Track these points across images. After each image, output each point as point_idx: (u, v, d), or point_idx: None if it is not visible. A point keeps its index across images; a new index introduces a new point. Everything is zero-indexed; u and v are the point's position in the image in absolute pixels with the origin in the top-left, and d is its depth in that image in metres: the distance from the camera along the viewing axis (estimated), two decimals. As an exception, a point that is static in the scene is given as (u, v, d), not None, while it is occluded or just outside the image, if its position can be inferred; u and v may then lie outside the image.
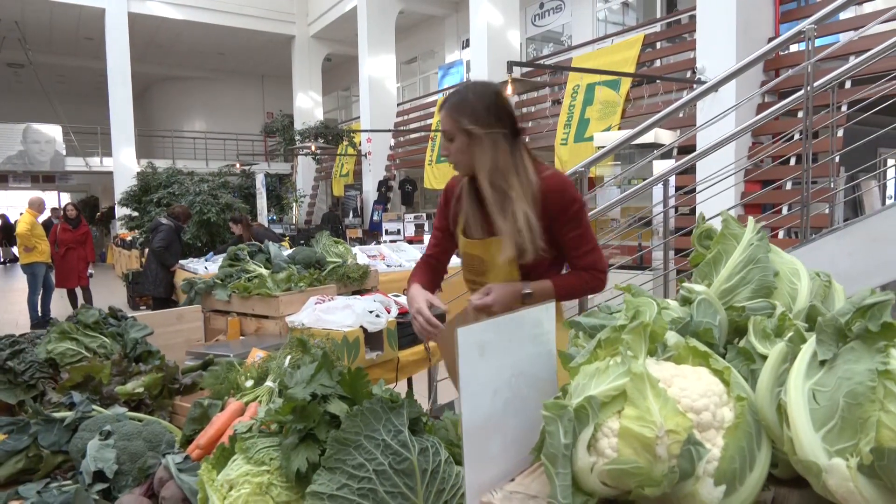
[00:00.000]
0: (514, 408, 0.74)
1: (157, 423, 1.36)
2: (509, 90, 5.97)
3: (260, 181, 10.13)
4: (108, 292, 10.73)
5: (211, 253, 7.09)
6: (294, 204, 13.85)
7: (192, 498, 1.11)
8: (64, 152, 15.83)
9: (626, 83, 8.78)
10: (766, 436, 0.62)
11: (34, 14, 15.35)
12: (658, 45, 9.17)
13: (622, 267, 5.13)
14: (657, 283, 4.55)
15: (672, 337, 0.70)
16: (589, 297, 3.15)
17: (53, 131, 15.62)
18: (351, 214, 15.04)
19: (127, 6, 15.31)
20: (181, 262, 6.88)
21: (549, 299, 1.79)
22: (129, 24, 15.40)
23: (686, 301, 0.80)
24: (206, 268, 6.47)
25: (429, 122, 13.79)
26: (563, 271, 1.87)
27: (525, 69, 10.77)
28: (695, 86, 7.46)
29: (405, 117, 15.21)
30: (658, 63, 9.33)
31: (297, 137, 16.29)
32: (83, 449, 1.31)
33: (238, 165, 14.32)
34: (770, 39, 7.15)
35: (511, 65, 5.91)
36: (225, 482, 1.01)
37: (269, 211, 11.07)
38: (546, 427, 0.62)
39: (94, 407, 1.44)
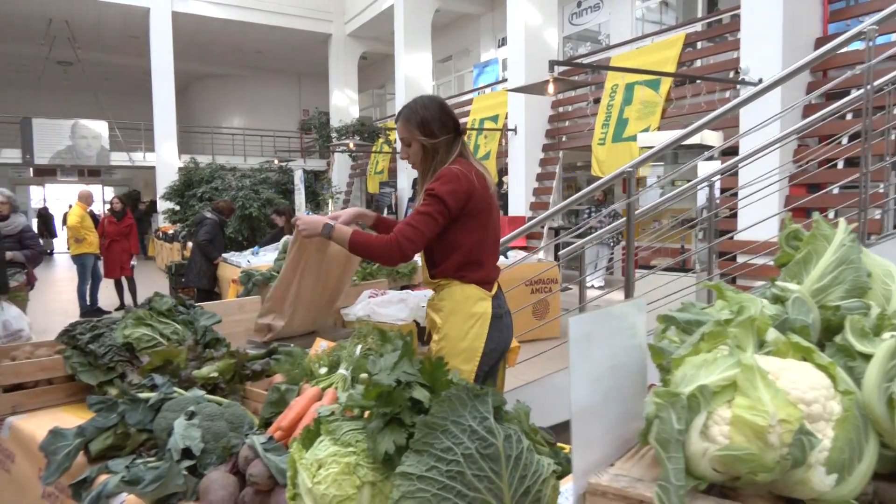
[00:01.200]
0: (612, 396, 0.77)
1: (237, 406, 1.42)
2: (550, 89, 5.97)
3: (298, 177, 10.31)
4: (151, 283, 11.01)
5: (257, 247, 7.28)
6: (330, 200, 14.05)
7: (278, 476, 1.16)
8: (108, 147, 16.29)
9: (666, 83, 8.69)
10: (873, 429, 0.63)
11: (83, 14, 15.82)
12: (699, 44, 9.05)
13: (667, 269, 5.08)
14: (700, 287, 4.51)
15: (771, 333, 0.72)
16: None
17: (100, 127, 16.10)
18: (385, 211, 15.17)
19: (170, 5, 15.68)
20: (224, 255, 7.05)
21: (343, 242, 1.97)
22: (172, 23, 15.78)
23: (778, 299, 0.82)
24: (248, 261, 6.62)
25: (463, 120, 13.82)
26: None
27: (561, 68, 10.71)
28: (738, 86, 7.35)
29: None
30: (698, 63, 9.21)
31: (334, 134, 16.49)
32: (167, 428, 1.38)
33: (276, 161, 14.57)
34: (818, 39, 7.00)
35: (553, 64, 5.90)
36: (314, 461, 1.06)
37: (305, 206, 11.25)
38: (658, 413, 0.65)
39: (174, 389, 1.52)
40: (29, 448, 1.63)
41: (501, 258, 6.65)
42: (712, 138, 6.82)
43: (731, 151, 6.47)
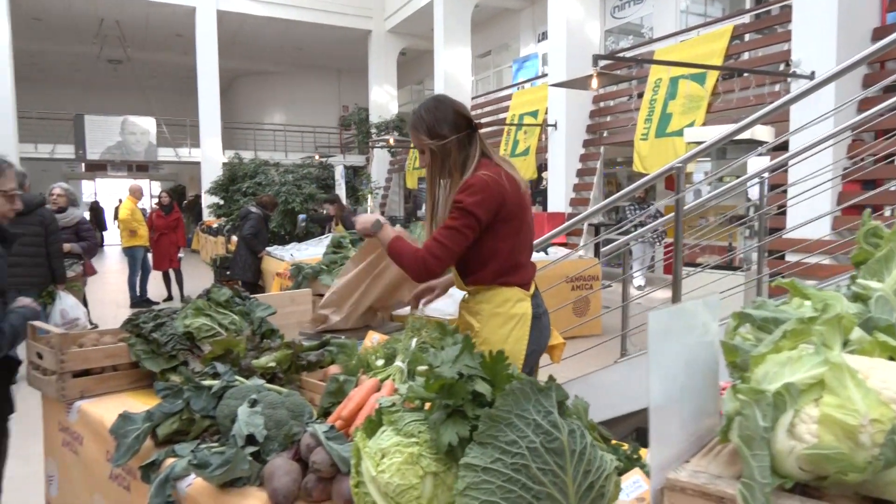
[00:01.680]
0: (686, 393, 0.76)
1: (296, 395, 1.46)
2: (594, 84, 5.89)
3: (339, 173, 10.44)
4: (197, 276, 11.30)
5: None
6: (369, 196, 14.19)
7: (340, 464, 1.19)
8: (156, 143, 16.77)
9: (712, 77, 8.49)
10: (969, 431, 0.62)
11: (132, 13, 16.30)
12: (747, 36, 8.81)
13: (716, 267, 4.98)
14: (749, 286, 4.41)
15: (856, 332, 0.71)
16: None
17: (148, 123, 16.59)
18: (423, 207, 15.23)
19: (216, 4, 16.02)
20: (268, 248, 7.19)
21: (384, 244, 1.96)
22: (217, 21, 16.13)
23: (858, 297, 0.80)
24: (291, 255, 6.74)
25: (502, 116, 13.77)
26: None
27: (605, 62, 10.56)
28: (789, 79, 7.13)
29: (479, 111, 15.24)
30: (746, 56, 8.96)
31: (373, 130, 16.62)
32: (230, 414, 1.42)
33: (317, 157, 14.78)
34: (876, 29, 6.74)
35: (596, 58, 5.83)
36: (378, 450, 1.08)
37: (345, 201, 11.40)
38: (741, 410, 0.65)
39: (236, 377, 1.56)
40: (96, 431, 1.70)
41: (542, 255, 6.61)
42: (763, 133, 6.63)
43: (779, 146, 6.29)
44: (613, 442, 1.36)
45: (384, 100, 18.40)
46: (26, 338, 2.02)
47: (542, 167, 12.24)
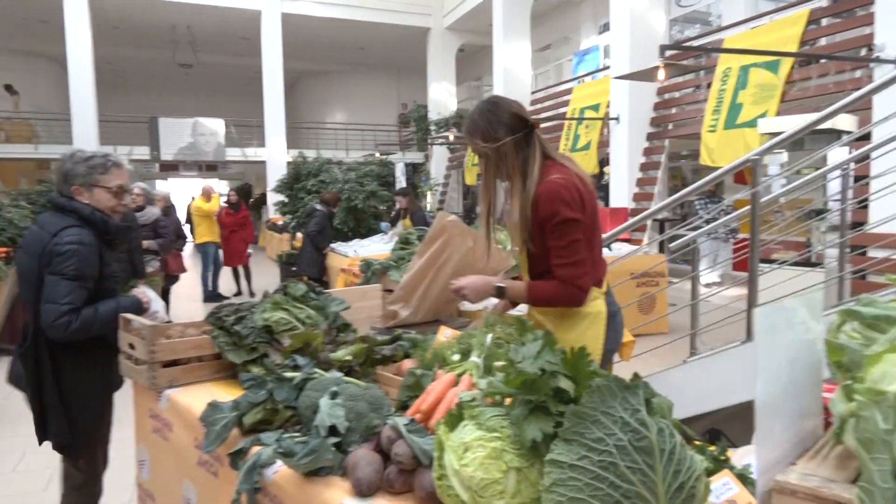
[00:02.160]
0: (791, 391, 0.74)
1: (375, 388, 1.49)
2: (661, 75, 5.73)
3: (400, 170, 10.57)
4: (263, 272, 11.69)
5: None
6: (428, 192, 14.30)
7: (421, 456, 1.20)
8: (224, 143, 17.42)
9: (786, 64, 8.10)
10: None
11: (202, 19, 16.97)
12: (824, 21, 8.35)
13: (795, 264, 4.76)
14: (830, 284, 4.19)
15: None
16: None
17: (216, 125, 17.25)
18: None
19: (280, 6, 16.47)
20: (332, 245, 7.36)
21: (521, 299, 1.95)
22: (282, 24, 16.59)
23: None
24: (355, 251, 6.87)
25: (562, 110, 13.58)
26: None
27: (672, 52, 10.24)
28: (871, 65, 6.73)
29: (538, 106, 15.08)
30: (823, 41, 8.51)
31: (432, 127, 16.72)
32: (311, 405, 1.47)
33: (377, 154, 15.02)
34: (971, 9, 6.26)
35: (663, 48, 5.66)
36: (460, 444, 1.09)
37: (407, 198, 11.53)
38: (858, 412, 0.62)
39: (315, 370, 1.61)
40: (185, 418, 1.79)
41: (605, 251, 6.48)
42: (846, 122, 6.28)
43: (861, 136, 5.95)
44: (697, 443, 1.32)
45: (443, 97, 18.47)
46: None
47: (603, 162, 12.00)
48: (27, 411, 2.31)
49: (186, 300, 9.21)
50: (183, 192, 22.74)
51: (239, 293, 9.57)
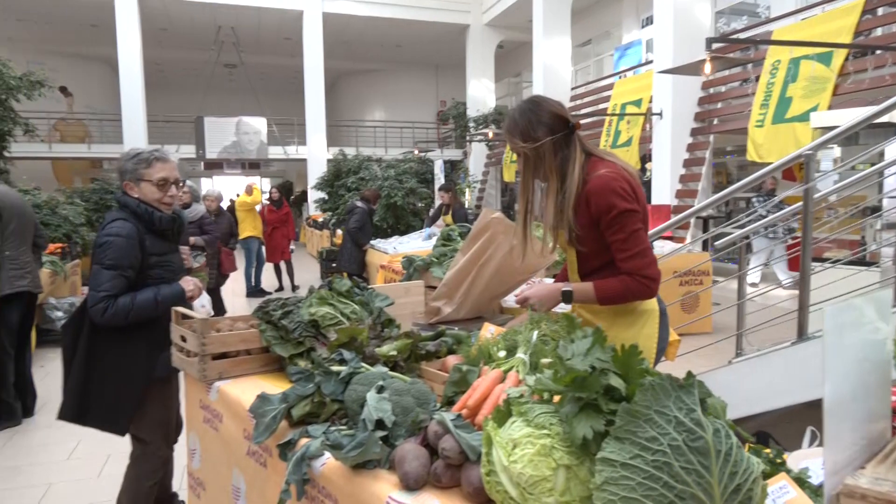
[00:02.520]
0: (859, 393, 0.71)
1: (420, 383, 1.49)
2: (707, 69, 5.60)
3: (439, 167, 10.59)
4: (304, 268, 11.88)
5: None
6: (467, 189, 14.30)
7: (468, 452, 1.20)
8: (266, 142, 17.76)
9: (839, 56, 7.81)
10: None
11: (246, 20, 17.33)
12: (880, 10, 8.01)
13: (849, 263, 4.59)
14: (886, 283, 4.02)
15: None
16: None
17: (259, 123, 17.59)
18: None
19: (321, 6, 16.68)
20: (371, 241, 7.43)
21: (590, 300, 1.89)
22: (323, 23, 16.80)
23: None
24: (394, 248, 6.91)
25: (603, 106, 13.39)
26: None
27: (718, 45, 9.98)
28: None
29: (578, 102, 14.91)
30: (879, 31, 8.17)
31: (471, 124, 16.70)
32: (358, 399, 1.48)
33: (416, 152, 15.09)
34: None
35: (710, 41, 5.53)
36: (509, 440, 1.09)
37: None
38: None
39: (362, 364, 1.62)
40: (234, 410, 1.83)
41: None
42: (904, 115, 6.02)
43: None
44: (751, 445, 1.29)
45: (481, 94, 18.43)
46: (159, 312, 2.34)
47: (645, 158, 11.79)
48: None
49: (230, 295, 9.42)
50: (227, 190, 23.24)
51: (281, 288, 9.75)
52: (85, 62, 20.18)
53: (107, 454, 3.75)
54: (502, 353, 1.50)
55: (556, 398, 1.18)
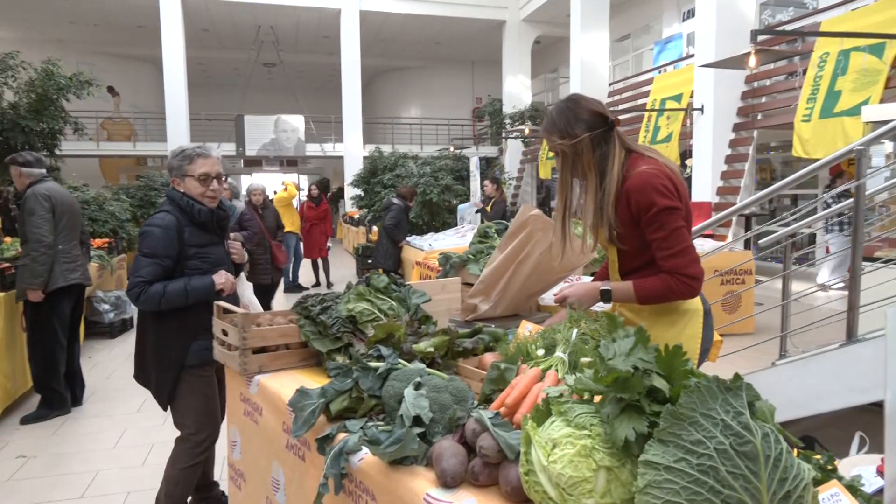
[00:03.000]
0: (923, 401, 0.68)
1: (458, 380, 1.49)
2: (752, 62, 5.44)
3: (474, 164, 10.58)
4: (340, 264, 12.00)
5: (449, 230, 7.76)
6: (502, 186, 14.24)
7: (506, 450, 1.19)
8: (304, 139, 18.00)
9: (892, 47, 7.49)
10: None
11: (285, 19, 17.58)
12: (938, -2, 7.65)
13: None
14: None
15: None
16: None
17: (297, 121, 17.84)
18: (556, 199, 14.98)
19: (359, 4, 16.80)
20: (407, 238, 7.45)
21: (630, 299, 1.84)
22: (360, 21, 16.93)
23: None
24: (430, 245, 6.92)
25: (641, 102, 13.15)
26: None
27: (764, 37, 9.69)
28: None
29: (616, 97, 14.68)
30: (936, 20, 7.80)
31: (507, 121, 16.61)
32: (395, 395, 1.49)
33: (452, 149, 15.08)
34: None
35: (755, 34, 5.36)
36: (548, 440, 1.08)
37: (480, 192, 11.52)
38: None
39: (399, 360, 1.63)
40: (273, 403, 1.86)
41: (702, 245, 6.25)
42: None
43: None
44: (799, 451, 1.25)
45: (518, 90, 18.31)
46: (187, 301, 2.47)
47: (685, 154, 11.54)
48: (126, 392, 2.50)
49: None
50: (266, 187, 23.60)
51: (318, 284, 9.87)
52: (131, 62, 20.78)
53: (151, 443, 3.86)
54: (541, 352, 1.48)
55: (597, 398, 1.16)
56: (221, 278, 2.56)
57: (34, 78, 9.69)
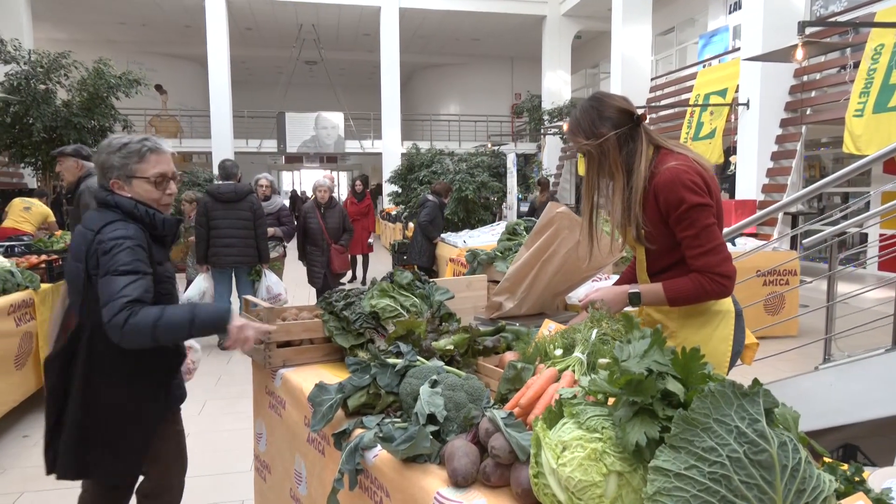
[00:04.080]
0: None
1: (475, 379, 1.48)
2: (799, 55, 5.24)
3: (511, 160, 10.51)
4: (377, 260, 12.09)
5: (484, 227, 7.78)
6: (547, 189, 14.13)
7: (518, 451, 1.17)
8: (344, 136, 18.21)
9: (954, 38, 7.12)
10: None
11: (326, 16, 17.79)
12: None
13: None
14: None
15: None
16: None
17: (337, 118, 18.06)
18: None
19: (398, 1, 16.87)
20: (442, 235, 7.46)
21: (660, 302, 1.78)
22: (399, 18, 17.00)
23: None
24: (464, 241, 6.91)
25: (685, 96, 12.83)
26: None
27: (813, 29, 9.33)
28: None
29: (658, 93, 14.37)
30: None
31: (546, 117, 16.45)
32: (412, 393, 1.48)
33: (489, 145, 15.02)
34: None
35: (803, 25, 5.17)
36: (558, 442, 1.05)
37: (517, 189, 11.46)
38: None
39: (417, 357, 1.62)
40: (296, 397, 1.88)
41: (729, 246, 6.07)
42: None
43: None
44: (827, 460, 1.19)
45: (557, 86, 18.10)
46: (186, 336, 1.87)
47: (729, 151, 11.22)
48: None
49: (306, 287, 9.72)
50: (306, 183, 24.02)
51: (354, 278, 9.94)
52: (178, 61, 21.36)
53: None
54: (559, 352, 1.46)
55: (612, 400, 1.13)
56: (239, 321, 1.87)
57: (86, 77, 10.07)
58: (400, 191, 12.10)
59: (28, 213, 6.87)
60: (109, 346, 1.77)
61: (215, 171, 9.91)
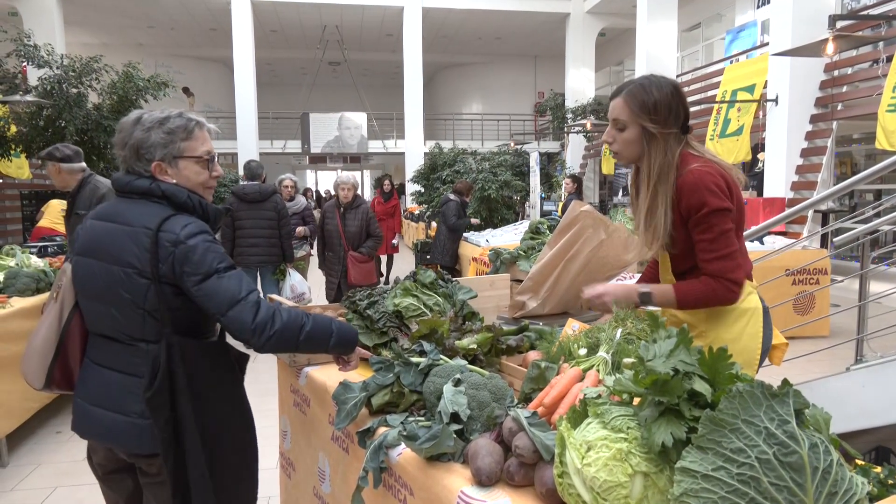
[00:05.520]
0: None
1: (498, 378, 1.47)
2: (829, 49, 5.13)
3: (534, 159, 10.46)
4: (401, 259, 12.13)
5: (507, 226, 7.78)
6: (563, 182, 14.02)
7: (542, 451, 1.17)
8: (367, 136, 18.31)
9: None
10: None
11: (350, 17, 17.90)
12: None
13: None
14: None
15: None
16: None
17: (360, 118, 18.17)
18: (620, 193, 14.63)
19: (421, 1, 16.90)
20: (465, 234, 7.46)
21: (670, 303, 1.75)
22: (422, 18, 17.04)
23: None
24: (487, 241, 6.91)
25: (711, 93, 12.63)
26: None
27: (844, 23, 9.12)
28: None
29: (685, 89, 14.14)
30: None
31: (569, 116, 16.34)
32: (435, 391, 1.48)
33: (512, 144, 14.96)
34: None
35: (834, 19, 5.06)
36: (583, 442, 1.05)
37: (540, 188, 11.40)
38: None
39: (441, 356, 1.63)
40: (320, 395, 1.89)
41: (756, 245, 5.97)
42: None
43: None
44: (860, 462, 1.17)
45: (580, 84, 17.96)
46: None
47: (756, 148, 11.01)
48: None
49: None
50: (328, 183, 24.16)
51: (379, 278, 9.97)
52: (205, 64, 21.69)
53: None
54: (583, 351, 1.45)
55: (637, 400, 1.12)
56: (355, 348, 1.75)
57: (116, 80, 10.27)
58: (423, 190, 12.13)
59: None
60: (205, 356, 1.57)
61: (240, 171, 10.03)
